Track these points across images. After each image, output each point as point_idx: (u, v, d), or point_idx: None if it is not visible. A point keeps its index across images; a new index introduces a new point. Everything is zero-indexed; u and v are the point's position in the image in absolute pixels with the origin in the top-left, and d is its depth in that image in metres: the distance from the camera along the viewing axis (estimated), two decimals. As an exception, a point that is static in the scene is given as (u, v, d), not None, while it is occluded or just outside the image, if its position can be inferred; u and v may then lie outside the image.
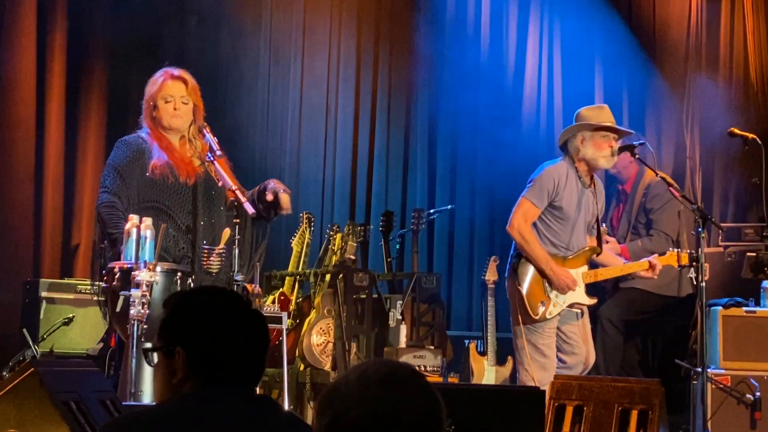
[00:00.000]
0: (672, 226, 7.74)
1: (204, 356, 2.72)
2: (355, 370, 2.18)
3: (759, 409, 7.09)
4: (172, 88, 5.84)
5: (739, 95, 9.63)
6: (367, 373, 2.15)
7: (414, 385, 2.16)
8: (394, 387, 2.13)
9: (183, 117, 5.82)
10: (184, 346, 2.74)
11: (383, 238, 8.63)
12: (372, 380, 2.13)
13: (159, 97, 5.82)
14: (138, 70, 8.87)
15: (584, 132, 6.42)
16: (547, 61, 10.24)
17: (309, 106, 9.92)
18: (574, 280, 6.35)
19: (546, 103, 10.19)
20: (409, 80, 10.20)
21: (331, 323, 7.64)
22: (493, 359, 7.95)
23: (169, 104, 5.81)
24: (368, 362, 2.21)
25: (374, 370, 2.15)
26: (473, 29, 10.26)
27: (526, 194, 6.43)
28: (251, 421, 2.67)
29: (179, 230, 5.70)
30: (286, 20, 9.86)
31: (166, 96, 5.81)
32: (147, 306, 5.12)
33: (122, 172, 5.70)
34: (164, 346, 2.78)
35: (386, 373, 2.15)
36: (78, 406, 4.11)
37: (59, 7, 8.79)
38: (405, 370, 2.18)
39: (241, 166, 6.04)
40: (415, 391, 2.15)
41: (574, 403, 5.20)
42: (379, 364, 2.18)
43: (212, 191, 5.84)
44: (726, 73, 9.80)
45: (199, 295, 2.91)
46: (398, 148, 10.19)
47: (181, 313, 2.80)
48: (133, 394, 5.08)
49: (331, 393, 2.16)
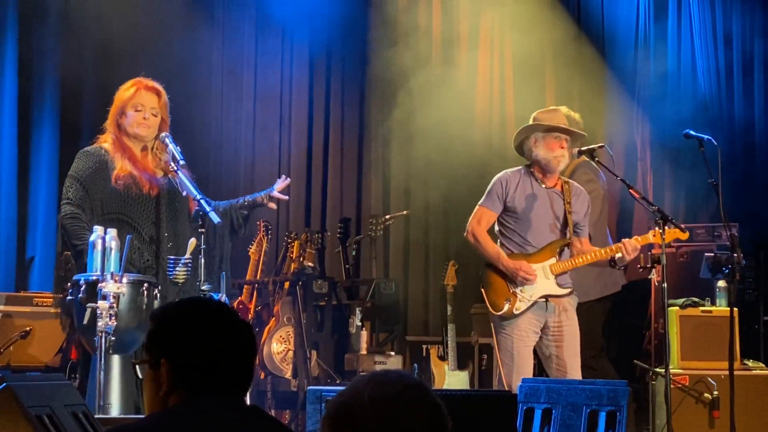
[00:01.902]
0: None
1: (187, 367, 2.70)
2: (365, 385, 2.17)
3: (717, 407, 7.18)
4: (145, 97, 5.81)
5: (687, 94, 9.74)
6: (380, 391, 2.15)
7: (428, 401, 2.17)
8: (411, 405, 2.14)
9: (150, 128, 5.79)
10: (168, 358, 2.73)
11: (341, 244, 8.64)
12: (388, 398, 2.14)
13: (130, 104, 5.78)
14: (90, 80, 8.85)
15: (536, 134, 6.52)
16: (498, 68, 10.30)
17: (262, 116, 9.90)
18: (528, 270, 6.36)
19: (498, 110, 10.25)
20: (362, 88, 10.22)
21: (291, 331, 7.64)
22: (453, 364, 7.98)
23: (139, 113, 5.78)
24: (378, 376, 2.20)
25: (388, 388, 2.15)
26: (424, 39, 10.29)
27: (481, 201, 6.56)
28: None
29: (143, 241, 5.67)
30: (239, 29, 9.84)
31: (137, 104, 5.78)
32: (115, 318, 5.09)
33: (85, 183, 5.65)
34: (149, 359, 2.76)
35: (401, 389, 2.15)
36: (51, 419, 4.07)
37: (9, 19, 8.71)
38: (418, 386, 2.19)
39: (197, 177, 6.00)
40: (429, 407, 2.16)
41: (543, 406, 5.22)
42: (392, 381, 2.17)
43: (176, 202, 5.82)
44: (674, 73, 9.91)
45: (183, 306, 2.88)
46: (352, 155, 10.21)
47: (164, 324, 2.79)
48: (102, 407, 5.05)
49: (344, 410, 2.16)
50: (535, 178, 6.54)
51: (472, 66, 10.27)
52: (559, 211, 6.53)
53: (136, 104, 5.79)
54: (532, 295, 6.38)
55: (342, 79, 10.25)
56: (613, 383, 5.26)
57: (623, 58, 9.99)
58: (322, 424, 2.20)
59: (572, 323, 6.48)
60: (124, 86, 5.88)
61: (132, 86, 5.84)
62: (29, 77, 8.82)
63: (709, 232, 8.45)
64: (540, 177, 6.54)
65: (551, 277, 6.42)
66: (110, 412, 5.12)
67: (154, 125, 5.80)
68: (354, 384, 2.20)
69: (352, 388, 2.19)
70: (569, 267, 6.49)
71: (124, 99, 5.81)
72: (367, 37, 10.21)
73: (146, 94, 5.82)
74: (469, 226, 6.60)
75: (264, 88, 9.92)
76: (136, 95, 5.80)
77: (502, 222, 6.57)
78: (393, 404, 2.13)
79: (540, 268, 6.42)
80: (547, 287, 6.41)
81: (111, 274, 5.16)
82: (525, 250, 6.47)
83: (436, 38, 10.32)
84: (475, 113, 10.21)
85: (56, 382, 4.53)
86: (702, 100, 9.74)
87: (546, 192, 6.54)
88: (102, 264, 5.20)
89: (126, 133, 5.79)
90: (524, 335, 6.36)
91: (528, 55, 10.17)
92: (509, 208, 6.51)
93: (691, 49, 9.92)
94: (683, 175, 9.51)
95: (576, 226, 6.56)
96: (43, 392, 4.26)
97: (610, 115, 9.92)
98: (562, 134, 6.52)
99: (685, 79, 9.87)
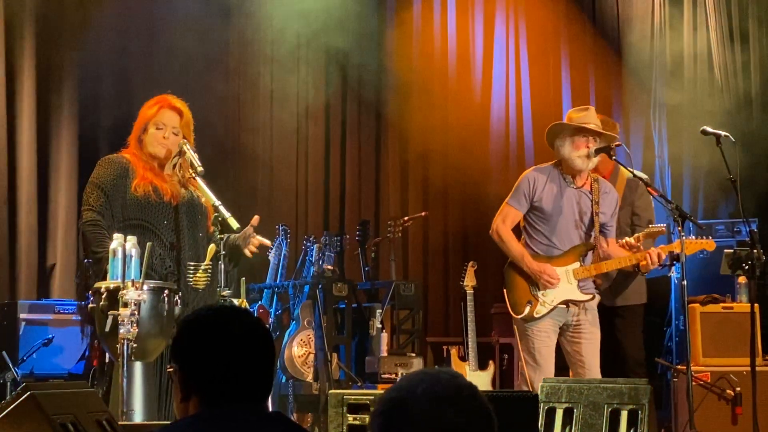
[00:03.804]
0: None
1: (198, 375, 2.72)
2: (418, 381, 2.17)
3: (740, 404, 7.16)
4: (167, 116, 5.84)
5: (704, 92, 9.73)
6: (435, 390, 2.14)
7: (478, 402, 2.17)
8: (463, 405, 2.14)
9: (170, 147, 5.83)
10: (180, 366, 2.75)
11: (360, 247, 8.65)
12: (442, 397, 2.13)
13: (152, 122, 5.82)
14: (108, 88, 8.88)
15: (565, 132, 6.51)
16: (513, 68, 10.31)
17: (280, 120, 9.92)
18: (552, 274, 6.36)
19: (514, 111, 10.25)
20: (379, 90, 10.23)
21: (312, 334, 7.65)
22: (474, 364, 7.98)
23: (160, 132, 5.81)
24: (433, 374, 2.19)
25: (442, 386, 2.15)
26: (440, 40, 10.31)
27: (507, 199, 6.54)
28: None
29: (165, 248, 5.69)
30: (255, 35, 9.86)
31: (159, 123, 5.82)
32: (136, 325, 5.11)
33: (106, 190, 5.67)
34: (170, 366, 2.80)
35: (455, 389, 2.15)
36: (75, 427, 4.09)
37: (27, 29, 8.74)
38: (469, 386, 2.19)
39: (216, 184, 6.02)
40: (479, 408, 2.17)
41: (564, 405, 5.22)
42: (446, 380, 2.17)
43: (195, 209, 5.83)
44: (690, 70, 9.89)
45: (200, 315, 2.89)
46: (370, 157, 10.23)
47: (179, 332, 2.82)
48: (124, 414, 5.07)
49: (397, 408, 2.15)
50: (564, 177, 6.54)
51: (487, 64, 10.28)
52: (586, 212, 6.52)
53: (157, 122, 5.82)
54: (553, 299, 6.38)
55: (359, 81, 10.26)
56: (634, 381, 5.27)
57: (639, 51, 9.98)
58: (372, 420, 2.18)
59: (592, 322, 6.48)
60: (148, 103, 5.92)
61: (155, 104, 5.88)
62: (48, 85, 8.84)
63: (729, 228, 8.43)
64: (569, 176, 6.54)
65: (573, 282, 6.41)
66: (133, 418, 5.14)
67: (174, 144, 5.84)
68: (407, 380, 2.19)
69: (405, 384, 2.18)
70: (593, 273, 6.48)
71: (147, 117, 5.86)
72: (384, 39, 10.22)
73: (168, 113, 5.85)
74: (494, 224, 6.59)
75: (281, 92, 9.92)
76: (158, 114, 5.84)
77: (528, 221, 6.57)
78: (447, 403, 2.13)
79: (563, 272, 6.41)
80: (569, 292, 6.41)
81: (132, 282, 5.18)
82: (549, 252, 6.47)
83: (451, 38, 10.33)
84: (492, 112, 10.22)
85: (80, 389, 4.56)
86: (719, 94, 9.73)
87: (574, 192, 6.53)
88: (123, 271, 5.22)
89: (146, 151, 5.83)
90: (545, 335, 6.37)
91: (543, 51, 10.18)
92: (536, 207, 6.50)
93: (707, 41, 9.90)
94: (701, 171, 9.49)
95: (603, 227, 6.55)
96: (67, 400, 4.29)
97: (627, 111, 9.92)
98: (590, 135, 6.50)
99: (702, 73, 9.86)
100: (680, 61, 9.89)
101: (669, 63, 9.92)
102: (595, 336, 6.49)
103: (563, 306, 6.39)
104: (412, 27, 10.26)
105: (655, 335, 8.22)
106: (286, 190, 9.85)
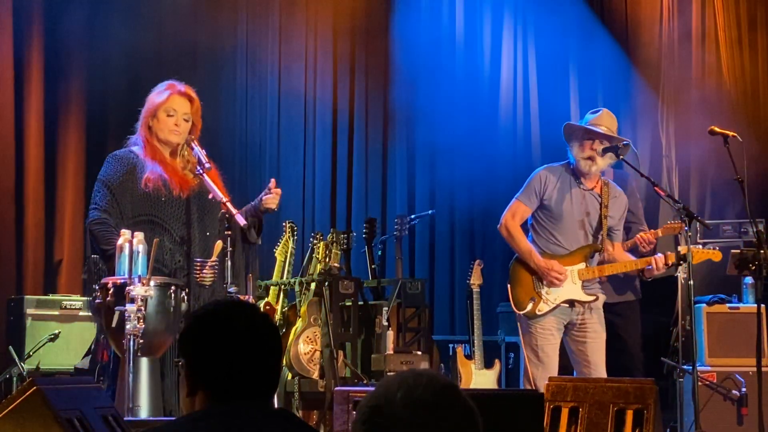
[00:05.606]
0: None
1: (203, 370, 2.72)
2: (396, 386, 2.13)
3: (745, 404, 7.16)
4: (177, 103, 5.77)
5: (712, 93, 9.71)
6: (412, 395, 2.10)
7: (459, 403, 2.14)
8: (442, 412, 2.10)
9: (181, 134, 5.78)
10: (185, 360, 2.75)
11: (366, 244, 8.64)
12: (419, 404, 2.09)
13: (162, 109, 5.74)
14: (117, 83, 8.88)
15: (576, 133, 6.53)
16: (522, 67, 10.30)
17: (287, 116, 9.92)
18: (560, 270, 6.37)
19: (522, 109, 10.24)
20: (386, 87, 10.22)
21: (318, 331, 7.64)
22: (480, 363, 7.98)
23: (171, 119, 5.75)
24: (410, 378, 2.14)
25: (420, 391, 2.11)
26: (447, 37, 10.30)
27: (517, 194, 6.55)
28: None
29: (175, 242, 5.68)
30: (262, 31, 9.86)
31: (170, 110, 5.75)
32: (143, 320, 5.11)
33: (113, 188, 5.64)
34: (178, 360, 2.80)
35: (433, 395, 2.11)
36: (81, 422, 4.10)
37: (35, 25, 8.75)
38: (451, 388, 2.15)
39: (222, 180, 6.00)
40: (461, 409, 2.13)
41: (570, 404, 5.21)
42: (424, 384, 2.13)
43: (205, 204, 5.82)
44: (699, 71, 9.87)
45: (207, 310, 2.88)
46: (377, 155, 10.22)
47: (186, 327, 2.82)
48: (130, 409, 5.08)
49: (374, 413, 2.12)
50: (575, 178, 6.55)
51: (495, 65, 10.27)
52: (594, 214, 6.52)
53: (168, 109, 5.75)
54: (556, 298, 6.39)
55: (366, 76, 10.25)
56: (640, 381, 5.26)
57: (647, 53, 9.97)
58: (354, 429, 2.17)
59: (598, 322, 6.48)
60: (157, 89, 5.84)
61: (165, 90, 5.80)
62: (55, 81, 8.85)
63: (736, 229, 8.42)
64: (579, 177, 6.55)
65: (578, 282, 6.42)
66: (139, 414, 5.15)
67: (185, 131, 5.78)
68: (384, 386, 2.15)
69: (383, 390, 2.14)
70: (597, 275, 6.49)
71: (156, 103, 5.77)
72: (393, 35, 10.21)
73: (179, 99, 5.78)
74: (503, 219, 6.59)
75: (288, 88, 9.92)
76: (169, 100, 5.76)
77: (537, 218, 6.58)
78: (427, 410, 2.09)
79: (568, 272, 6.42)
80: (573, 292, 6.42)
81: (138, 277, 5.19)
82: (555, 251, 6.48)
83: (460, 38, 10.32)
84: (499, 112, 10.21)
85: (86, 385, 4.56)
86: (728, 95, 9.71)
87: (583, 193, 6.54)
88: (129, 267, 5.23)
89: (157, 138, 5.78)
90: (548, 333, 6.38)
91: (552, 54, 10.17)
92: (545, 205, 6.52)
93: (716, 43, 9.88)
94: (708, 171, 9.47)
95: (610, 230, 6.56)
96: (73, 395, 4.29)
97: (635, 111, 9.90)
98: (597, 137, 6.50)
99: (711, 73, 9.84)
100: (689, 60, 9.87)
101: (677, 62, 9.89)
102: (601, 336, 6.49)
103: (566, 305, 6.40)
104: (422, 20, 10.25)
105: (662, 335, 8.21)
106: (294, 187, 9.84)
